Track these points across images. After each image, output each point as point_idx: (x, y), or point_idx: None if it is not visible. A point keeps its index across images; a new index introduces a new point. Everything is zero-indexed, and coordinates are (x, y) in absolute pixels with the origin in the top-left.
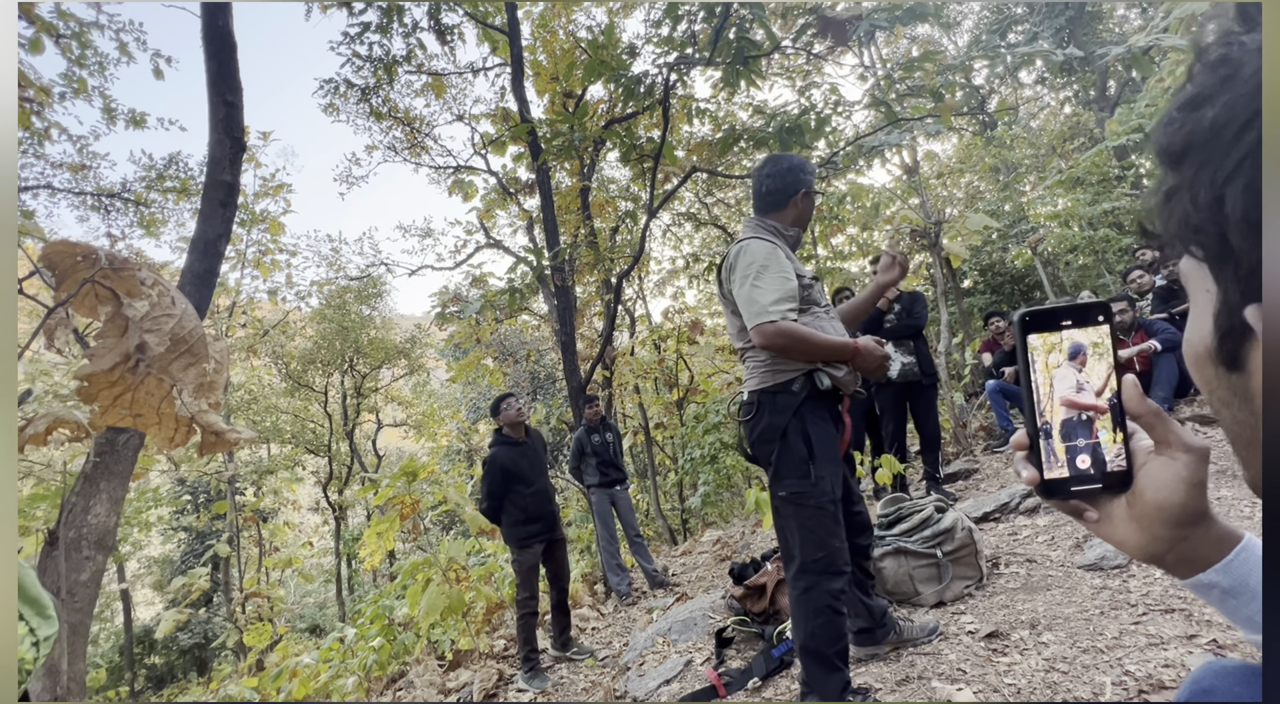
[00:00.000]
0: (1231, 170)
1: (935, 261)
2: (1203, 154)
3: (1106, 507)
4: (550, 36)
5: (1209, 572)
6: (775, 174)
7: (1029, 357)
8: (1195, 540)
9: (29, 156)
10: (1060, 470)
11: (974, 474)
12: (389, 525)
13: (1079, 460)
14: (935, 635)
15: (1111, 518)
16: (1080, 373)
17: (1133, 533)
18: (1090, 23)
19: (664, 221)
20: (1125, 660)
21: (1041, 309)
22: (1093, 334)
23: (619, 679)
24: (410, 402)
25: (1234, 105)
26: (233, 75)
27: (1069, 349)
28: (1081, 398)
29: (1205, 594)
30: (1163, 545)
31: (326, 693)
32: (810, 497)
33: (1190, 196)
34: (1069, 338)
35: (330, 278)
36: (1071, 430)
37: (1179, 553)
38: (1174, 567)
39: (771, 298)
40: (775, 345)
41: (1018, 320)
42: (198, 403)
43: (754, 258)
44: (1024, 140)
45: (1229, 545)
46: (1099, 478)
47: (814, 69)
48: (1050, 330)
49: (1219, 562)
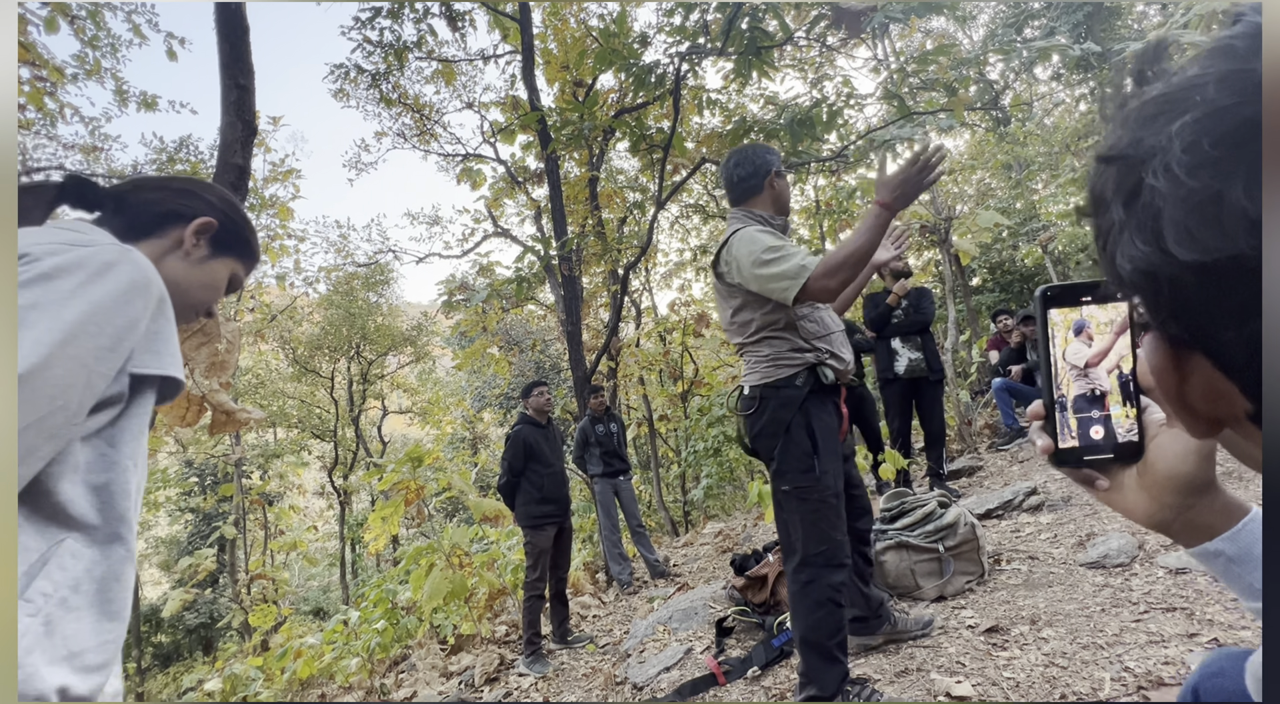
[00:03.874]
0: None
1: (944, 258)
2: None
3: (1117, 476)
4: (561, 24)
5: (1216, 540)
6: (743, 161)
7: (1049, 331)
8: (1202, 509)
9: (41, 137)
10: (1074, 440)
11: (978, 471)
12: (393, 510)
13: (1093, 431)
14: (930, 629)
15: (1122, 487)
16: (1089, 347)
17: (1142, 501)
18: (1108, 18)
19: (672, 213)
20: (1125, 657)
21: (1063, 284)
22: (1111, 311)
23: (619, 666)
24: (416, 389)
25: (1101, 183)
26: (245, 58)
27: (1074, 324)
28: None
29: (1210, 561)
30: (1171, 513)
31: (330, 674)
32: (814, 491)
33: (1099, 247)
34: (1087, 314)
35: (338, 264)
36: (1086, 403)
37: (1186, 521)
38: (1180, 534)
39: (793, 262)
40: (829, 289)
41: (1039, 295)
42: (209, 382)
43: (755, 241)
44: (1037, 137)
45: (1236, 515)
46: (1111, 448)
47: (827, 61)
48: (1071, 305)
49: (1225, 530)
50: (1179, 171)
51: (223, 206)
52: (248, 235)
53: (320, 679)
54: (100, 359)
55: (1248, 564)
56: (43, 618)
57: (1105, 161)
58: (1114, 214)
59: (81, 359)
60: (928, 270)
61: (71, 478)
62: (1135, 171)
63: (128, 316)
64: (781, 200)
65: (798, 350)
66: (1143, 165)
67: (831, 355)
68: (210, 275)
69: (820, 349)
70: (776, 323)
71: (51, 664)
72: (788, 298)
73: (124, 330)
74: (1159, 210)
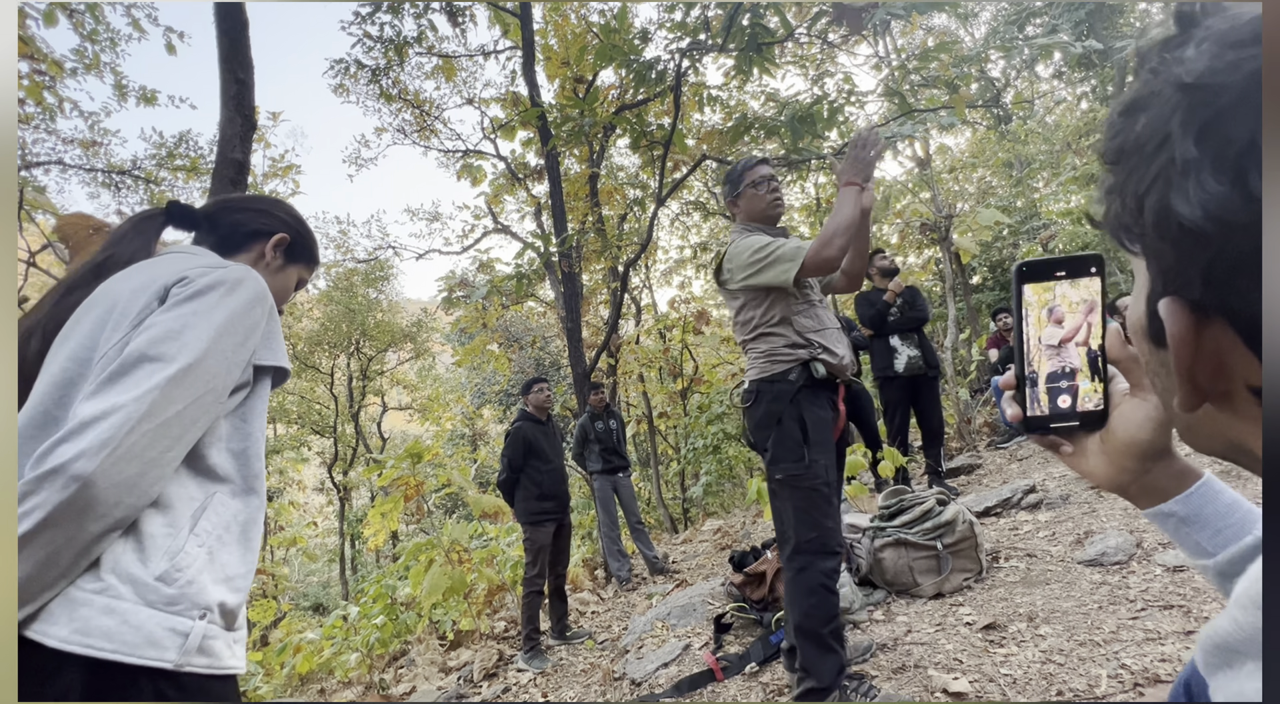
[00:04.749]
0: (1149, 184)
1: (945, 256)
2: (1130, 162)
3: (1081, 442)
4: (562, 20)
5: (1170, 502)
6: (722, 182)
7: (1023, 306)
8: (1158, 473)
9: (41, 132)
10: (1043, 409)
11: (977, 469)
12: (393, 506)
13: (1060, 401)
14: (870, 654)
15: (1085, 452)
16: (1061, 327)
17: (1102, 465)
18: (1110, 16)
19: (672, 210)
20: (1122, 654)
21: (1038, 260)
22: (1083, 289)
23: (618, 661)
24: (415, 385)
25: (1155, 121)
26: (244, 53)
27: (1048, 306)
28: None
29: (1163, 522)
30: (1129, 477)
31: (329, 669)
32: (804, 479)
33: (1120, 199)
34: (1060, 294)
35: (338, 260)
36: (1055, 376)
37: (1142, 484)
38: (1137, 497)
39: (787, 248)
40: (829, 258)
41: (1015, 270)
42: None
43: (748, 244)
44: (1039, 135)
45: (1190, 480)
46: (1077, 416)
47: (828, 58)
48: (1045, 280)
49: (1178, 493)
50: None
51: (293, 222)
52: (311, 245)
53: (319, 674)
54: (237, 352)
55: (1196, 524)
56: (206, 549)
57: (1185, 89)
58: (1178, 151)
59: (225, 353)
60: (928, 268)
61: (219, 445)
62: (1220, 99)
63: (253, 319)
64: (755, 213)
65: (792, 346)
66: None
67: (825, 350)
68: (285, 281)
69: (814, 344)
70: (772, 320)
71: (215, 583)
72: (789, 278)
73: (250, 330)
74: (1258, 137)
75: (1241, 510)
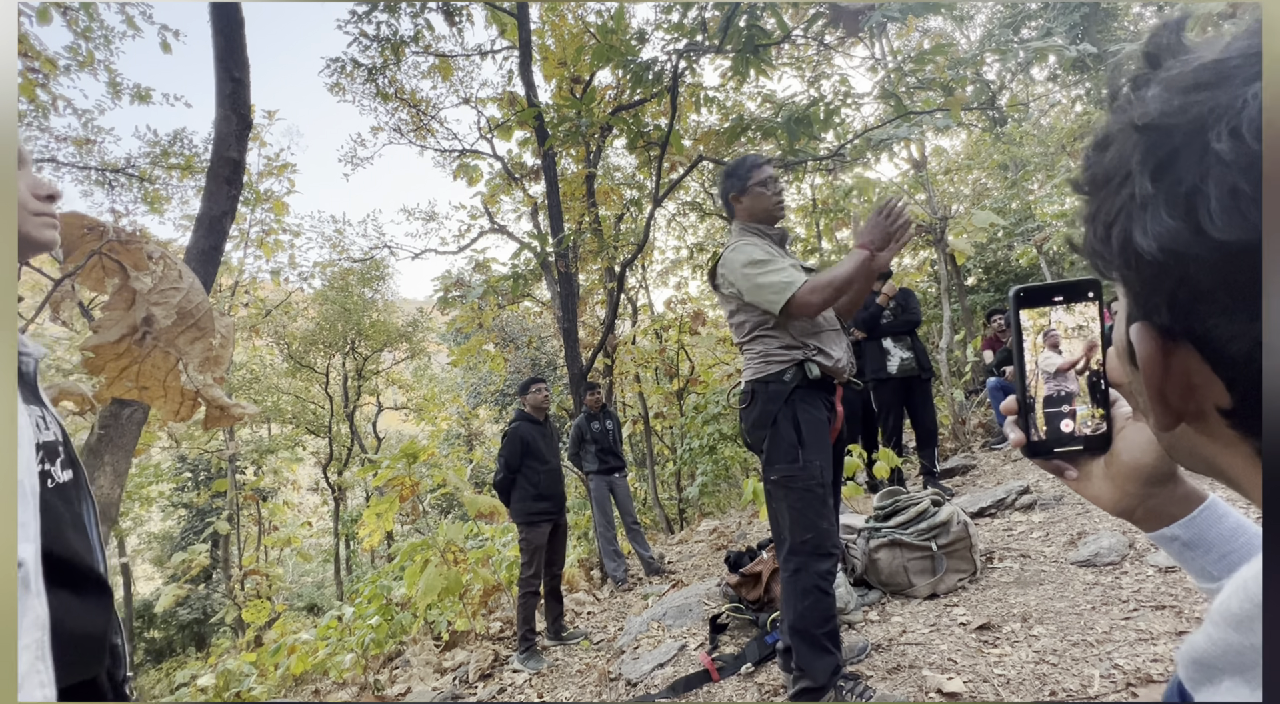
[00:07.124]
0: (1115, 215)
1: (940, 258)
2: (1100, 193)
3: (1086, 466)
4: (559, 20)
5: (1173, 526)
6: (719, 181)
7: (1022, 332)
8: (1163, 498)
9: (34, 129)
10: (1044, 435)
11: (971, 470)
12: (388, 506)
13: (1063, 425)
14: (865, 655)
15: (1090, 476)
16: (1059, 353)
17: (1107, 490)
18: (1105, 20)
19: (669, 211)
20: (1115, 654)
21: (1035, 286)
22: (1079, 314)
23: (613, 662)
24: (411, 385)
25: (1119, 156)
26: (240, 51)
27: (1045, 331)
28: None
29: (1167, 546)
30: (1134, 501)
31: (324, 670)
32: (799, 480)
33: (1093, 228)
34: (1056, 321)
35: (333, 259)
36: (1056, 400)
37: (1148, 508)
38: (1142, 521)
39: (781, 277)
40: (812, 306)
41: (1012, 296)
42: (203, 376)
43: (745, 255)
44: (1033, 137)
45: (1193, 503)
46: (1080, 440)
47: (824, 59)
48: (1043, 305)
49: (1183, 517)
50: (1248, 135)
51: None
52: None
53: (314, 675)
54: None
55: (1200, 548)
56: None
57: (1140, 130)
58: (1136, 187)
59: None
60: (923, 270)
61: None
62: (1172, 140)
63: None
64: (757, 211)
65: (787, 347)
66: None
67: (820, 351)
68: None
69: (809, 346)
70: (767, 322)
71: None
72: (774, 309)
73: None
74: (1205, 177)
75: (1246, 535)
